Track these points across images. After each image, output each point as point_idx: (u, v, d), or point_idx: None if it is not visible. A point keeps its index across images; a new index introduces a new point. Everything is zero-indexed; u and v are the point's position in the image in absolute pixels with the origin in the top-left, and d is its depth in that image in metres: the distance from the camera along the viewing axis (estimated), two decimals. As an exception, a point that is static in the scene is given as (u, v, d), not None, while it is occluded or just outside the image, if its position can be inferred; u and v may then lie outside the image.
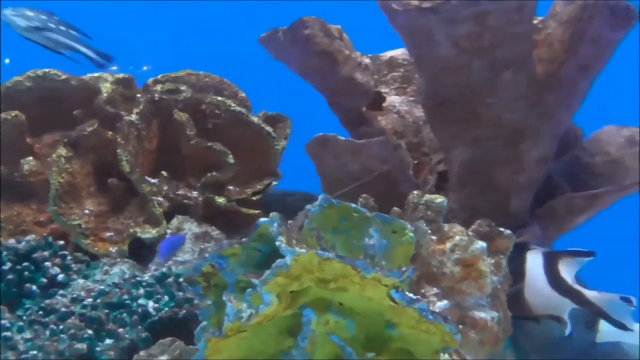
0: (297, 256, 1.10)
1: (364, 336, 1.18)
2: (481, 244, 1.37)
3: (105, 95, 2.00)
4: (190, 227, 1.84)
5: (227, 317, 1.14)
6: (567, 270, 1.54)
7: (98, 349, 1.45)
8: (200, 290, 1.23)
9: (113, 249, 1.83)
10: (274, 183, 2.08)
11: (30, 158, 1.96)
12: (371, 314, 1.17)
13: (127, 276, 1.71)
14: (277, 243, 1.13)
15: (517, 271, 1.54)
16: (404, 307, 1.11)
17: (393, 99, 2.15)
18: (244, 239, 1.19)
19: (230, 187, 2.01)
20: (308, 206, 1.25)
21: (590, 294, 1.53)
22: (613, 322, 1.53)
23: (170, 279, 1.60)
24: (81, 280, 1.70)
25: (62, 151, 1.86)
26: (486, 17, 1.63)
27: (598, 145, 1.87)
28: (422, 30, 1.73)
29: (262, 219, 1.17)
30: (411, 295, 1.10)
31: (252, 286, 1.14)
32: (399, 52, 2.24)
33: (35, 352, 1.44)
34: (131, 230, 1.85)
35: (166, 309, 1.55)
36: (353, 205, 1.27)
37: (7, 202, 1.93)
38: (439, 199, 1.48)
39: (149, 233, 1.85)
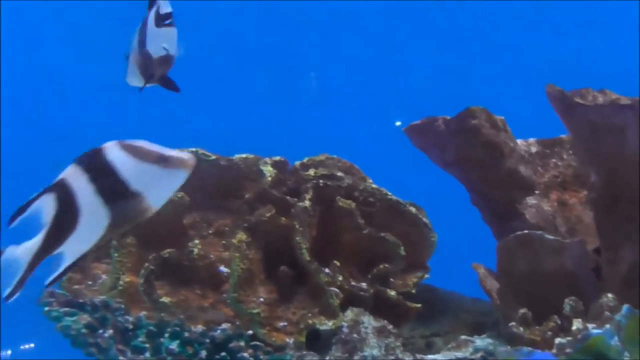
0: (655, 374, 1.08)
1: None
2: None
3: (269, 179, 1.97)
4: (369, 321, 1.79)
5: None
6: None
7: None
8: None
9: (290, 340, 1.77)
10: (426, 276, 2.05)
11: (197, 241, 1.91)
12: None
13: (320, 371, 1.66)
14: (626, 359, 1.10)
15: None
16: None
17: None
18: (567, 350, 1.16)
19: (392, 279, 1.96)
20: (617, 316, 1.23)
21: None
22: None
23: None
24: (273, 373, 1.64)
25: (243, 236, 1.81)
26: (686, 115, 1.65)
27: None
28: (611, 126, 1.73)
29: (594, 331, 1.14)
30: None
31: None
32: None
33: None
34: (309, 322, 1.80)
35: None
36: (653, 317, 1.25)
37: (173, 287, 1.87)
38: (663, 305, 1.46)
39: (325, 325, 1.80)
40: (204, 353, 1.62)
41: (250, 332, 1.72)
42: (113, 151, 1.10)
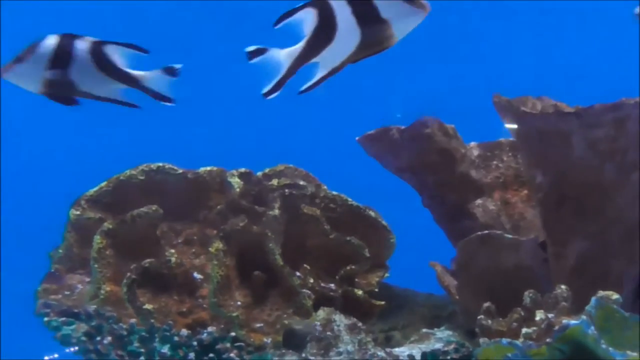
0: (627, 359, 1.21)
1: None
2: None
3: (238, 190, 2.08)
4: (341, 319, 1.91)
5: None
6: None
7: None
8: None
9: (267, 340, 1.88)
10: (386, 275, 2.18)
11: (173, 251, 2.01)
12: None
13: (300, 368, 1.77)
14: (603, 346, 1.24)
15: None
16: None
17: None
18: (548, 340, 1.29)
19: (356, 280, 2.09)
20: (588, 307, 1.36)
21: None
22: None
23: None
24: (259, 372, 1.75)
25: (219, 245, 1.91)
26: (625, 121, 1.79)
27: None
28: (557, 133, 1.87)
29: (571, 322, 1.27)
30: None
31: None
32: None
33: None
34: (285, 322, 1.91)
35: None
36: (615, 306, 1.39)
37: (153, 294, 1.96)
38: (615, 295, 1.58)
39: (299, 324, 1.91)
40: (192, 355, 1.71)
41: (233, 333, 1.82)
42: None
